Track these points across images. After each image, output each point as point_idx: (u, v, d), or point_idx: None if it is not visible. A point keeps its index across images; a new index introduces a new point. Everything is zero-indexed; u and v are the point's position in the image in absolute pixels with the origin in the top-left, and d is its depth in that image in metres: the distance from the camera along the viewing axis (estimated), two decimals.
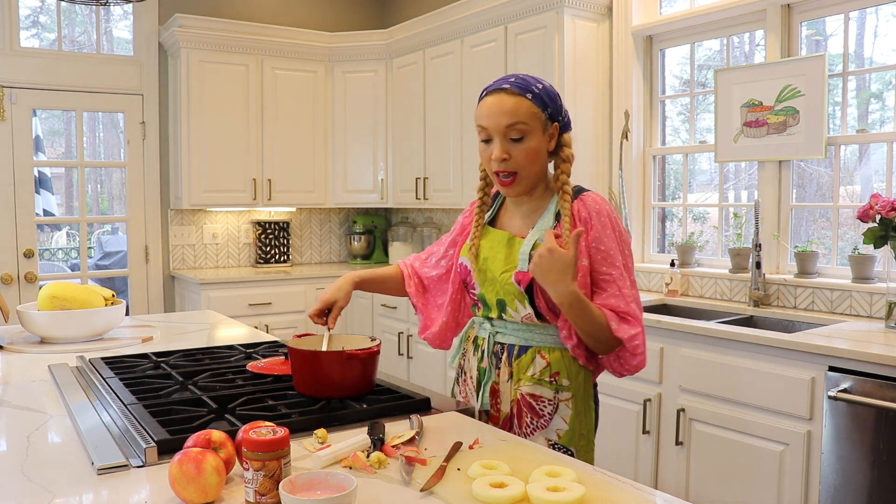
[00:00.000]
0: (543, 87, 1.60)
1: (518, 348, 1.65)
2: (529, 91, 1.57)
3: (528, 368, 1.63)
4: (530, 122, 1.57)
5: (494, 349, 1.69)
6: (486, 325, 1.72)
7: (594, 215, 1.58)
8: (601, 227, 1.57)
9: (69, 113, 5.15)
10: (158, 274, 4.98)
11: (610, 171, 3.89)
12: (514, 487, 1.12)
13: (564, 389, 1.62)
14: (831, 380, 2.36)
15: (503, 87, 1.59)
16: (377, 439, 1.34)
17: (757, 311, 3.14)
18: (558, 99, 1.63)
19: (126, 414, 1.47)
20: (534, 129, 1.58)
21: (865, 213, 2.66)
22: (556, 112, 1.61)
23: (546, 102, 1.59)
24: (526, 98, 1.57)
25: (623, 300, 1.55)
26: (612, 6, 3.84)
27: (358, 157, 5.19)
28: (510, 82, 1.60)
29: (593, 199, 1.60)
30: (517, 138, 1.57)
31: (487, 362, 1.68)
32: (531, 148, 1.58)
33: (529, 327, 1.64)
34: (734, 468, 2.64)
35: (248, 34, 4.81)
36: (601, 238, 1.57)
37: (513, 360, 1.65)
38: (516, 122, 1.56)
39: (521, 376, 1.64)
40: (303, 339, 1.74)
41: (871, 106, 3.20)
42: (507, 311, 1.66)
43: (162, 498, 1.14)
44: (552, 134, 1.62)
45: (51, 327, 2.30)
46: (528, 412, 1.62)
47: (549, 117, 1.60)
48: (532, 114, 1.57)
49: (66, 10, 4.96)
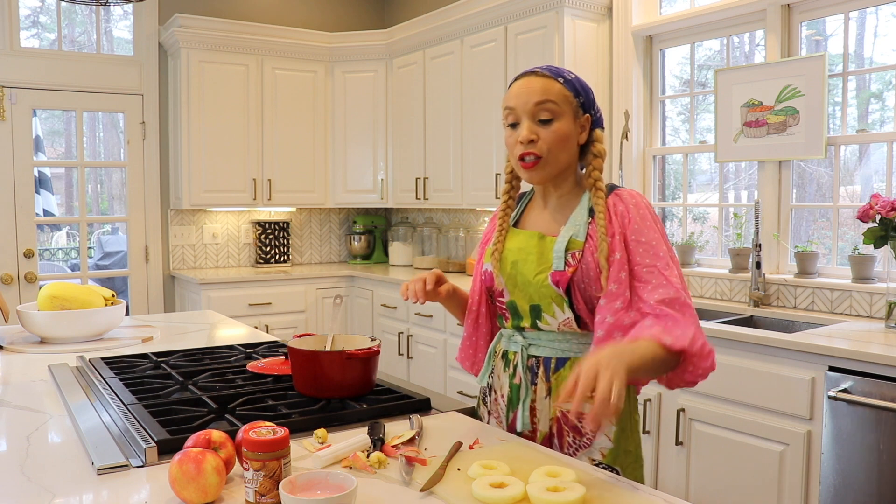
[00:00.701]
0: (576, 77, 1.54)
1: (555, 361, 1.51)
2: (561, 76, 1.51)
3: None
4: (561, 104, 1.49)
5: (529, 363, 1.54)
6: (516, 338, 1.57)
7: (632, 208, 1.48)
8: (640, 220, 1.48)
9: (69, 113, 5.15)
10: (158, 274, 4.98)
11: (610, 172, 3.88)
12: (514, 487, 1.12)
13: None
14: (831, 380, 2.36)
15: (534, 71, 1.52)
16: (377, 439, 1.34)
17: (757, 311, 3.14)
18: (591, 93, 1.55)
19: (126, 414, 1.47)
20: (564, 113, 1.49)
21: (865, 213, 2.65)
22: (588, 103, 1.53)
23: (578, 90, 1.52)
24: (557, 81, 1.50)
25: (672, 288, 1.43)
26: (612, 6, 3.84)
27: (358, 157, 5.19)
28: (542, 67, 1.53)
29: (629, 194, 1.52)
30: (546, 119, 1.48)
31: (522, 378, 1.54)
32: (560, 130, 1.49)
33: (566, 336, 1.51)
34: (734, 468, 2.64)
35: (248, 34, 4.81)
36: (641, 230, 1.47)
37: (550, 375, 1.51)
38: (546, 101, 1.48)
39: (561, 392, 1.50)
40: (303, 339, 1.74)
41: (871, 106, 3.20)
42: (542, 318, 1.52)
43: (162, 498, 1.14)
44: (584, 125, 1.53)
45: (51, 327, 2.30)
46: (570, 431, 1.49)
47: (581, 105, 1.51)
48: (564, 96, 1.49)
49: (66, 10, 4.96)
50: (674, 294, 1.42)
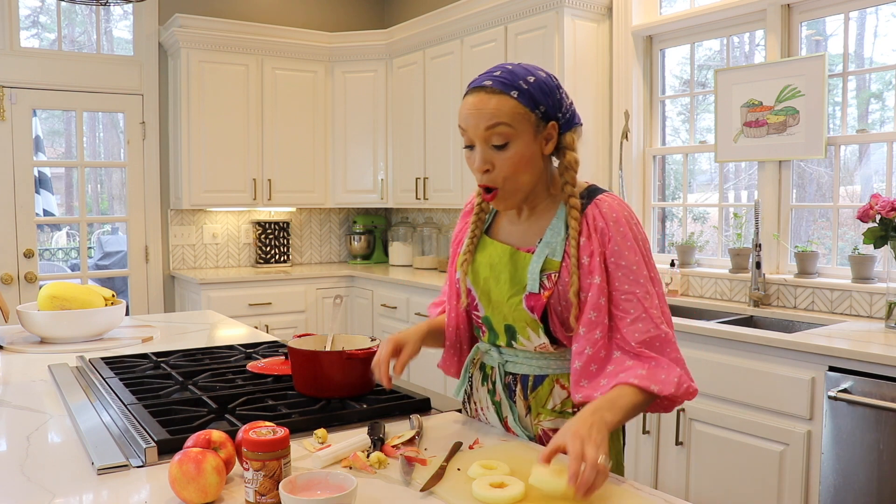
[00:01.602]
0: (536, 81, 1.36)
1: (533, 378, 1.45)
2: (515, 88, 1.34)
3: (546, 401, 1.44)
4: (515, 124, 1.33)
5: (506, 380, 1.48)
6: (492, 353, 1.51)
7: (611, 224, 1.36)
8: (621, 239, 1.35)
9: (69, 113, 5.15)
10: (158, 274, 4.98)
11: (610, 171, 3.89)
12: (514, 487, 1.12)
13: None
14: (831, 380, 2.36)
15: (484, 85, 1.36)
16: (377, 439, 1.34)
17: (757, 311, 3.14)
18: (557, 92, 1.38)
19: (126, 414, 1.48)
20: (520, 133, 1.34)
21: (865, 213, 2.65)
22: (552, 109, 1.36)
23: (537, 99, 1.34)
24: (510, 97, 1.33)
25: (651, 323, 1.33)
26: (612, 6, 3.84)
27: (358, 157, 5.19)
28: (494, 77, 1.36)
29: (609, 206, 1.38)
30: (500, 145, 1.34)
31: (501, 395, 1.49)
32: (517, 155, 1.35)
33: (543, 355, 1.44)
34: (734, 468, 2.64)
35: (248, 34, 4.81)
36: (621, 252, 1.35)
37: (528, 393, 1.45)
38: (497, 124, 1.33)
39: (539, 410, 1.44)
40: (303, 339, 1.74)
41: (871, 106, 3.20)
42: (517, 340, 1.44)
43: (162, 498, 1.14)
44: (549, 135, 1.38)
45: (51, 327, 2.30)
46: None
47: (541, 117, 1.35)
48: (517, 115, 1.33)
49: (66, 10, 4.96)
50: (654, 332, 1.33)
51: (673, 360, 1.34)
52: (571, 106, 1.42)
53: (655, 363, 1.32)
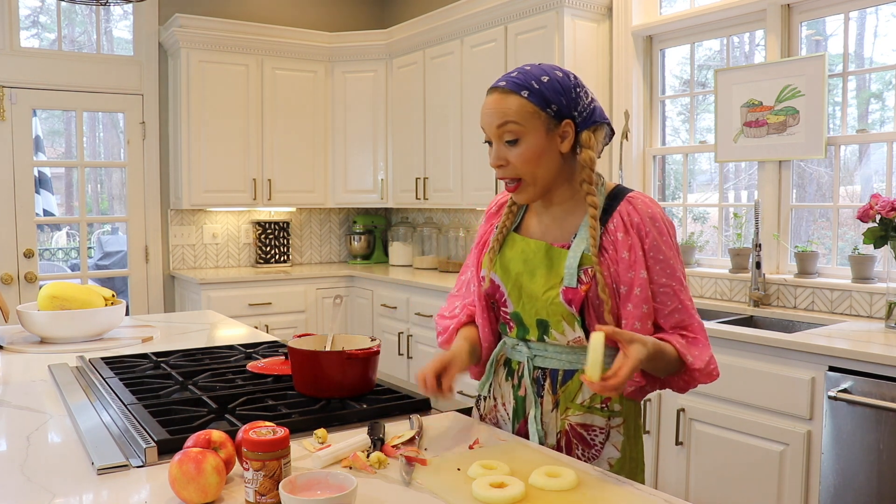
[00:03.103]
0: (551, 80, 1.40)
1: (563, 373, 1.47)
2: (526, 87, 1.39)
3: (576, 396, 1.45)
4: (524, 122, 1.39)
5: (535, 375, 1.49)
6: (521, 348, 1.51)
7: (648, 221, 1.41)
8: (658, 234, 1.41)
9: (69, 113, 5.15)
10: (158, 274, 4.98)
11: (610, 171, 3.88)
12: (514, 487, 1.12)
13: (616, 415, 1.46)
14: (831, 380, 2.36)
15: (499, 85, 1.43)
16: (377, 439, 1.34)
17: (757, 311, 3.14)
18: (573, 91, 1.41)
19: (126, 414, 1.47)
20: (530, 130, 1.40)
21: (865, 213, 2.65)
22: (565, 108, 1.40)
23: (548, 98, 1.39)
24: (520, 96, 1.39)
25: (687, 313, 1.43)
26: (612, 6, 3.84)
27: (358, 157, 5.19)
28: (509, 78, 1.43)
29: (643, 203, 1.43)
30: (511, 140, 1.41)
31: (528, 391, 1.49)
32: (527, 151, 1.40)
33: (573, 349, 1.46)
34: (734, 468, 2.64)
35: (248, 34, 4.81)
36: (659, 246, 1.40)
37: (558, 388, 1.47)
38: (506, 122, 1.40)
39: (568, 405, 1.46)
40: (303, 339, 1.74)
41: (871, 106, 3.20)
42: (549, 334, 1.47)
43: (162, 498, 1.14)
44: (564, 133, 1.42)
45: (51, 327, 2.30)
46: (578, 443, 1.45)
47: (553, 115, 1.40)
48: (526, 113, 1.39)
49: (66, 10, 4.95)
50: (688, 321, 1.44)
51: (706, 343, 1.45)
52: (591, 104, 1.45)
53: (692, 340, 1.43)
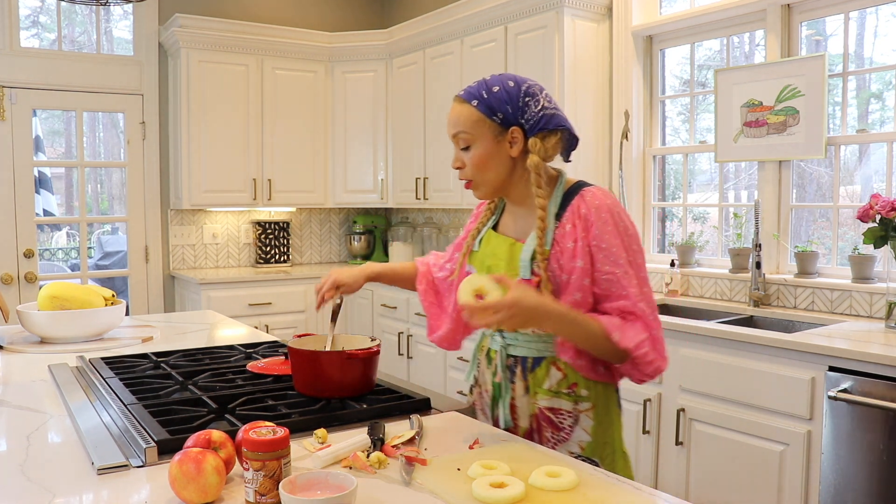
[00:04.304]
0: (499, 90, 1.53)
1: (532, 360, 1.57)
2: (476, 97, 1.54)
3: (543, 381, 1.56)
4: (473, 130, 1.55)
5: (507, 363, 1.61)
6: (496, 337, 1.64)
7: (593, 212, 1.50)
8: (601, 224, 1.49)
9: (69, 113, 5.15)
10: (158, 274, 4.98)
11: (610, 171, 3.88)
12: (514, 487, 1.12)
13: (584, 400, 1.55)
14: (831, 380, 2.36)
15: (458, 95, 1.60)
16: (377, 439, 1.34)
17: (757, 311, 3.14)
18: (521, 100, 1.53)
19: (126, 414, 1.47)
20: (479, 137, 1.55)
21: (865, 213, 2.65)
22: (511, 116, 1.53)
23: (494, 107, 1.52)
24: (471, 105, 1.55)
25: (629, 300, 1.47)
26: (612, 6, 3.84)
27: (358, 157, 5.19)
28: (467, 88, 1.59)
29: (593, 195, 1.52)
30: (464, 147, 1.58)
31: (501, 377, 1.61)
32: (476, 156, 1.56)
33: (542, 337, 1.56)
34: (734, 468, 2.64)
35: (248, 34, 4.81)
36: (601, 235, 1.48)
37: (527, 374, 1.57)
38: (459, 132, 1.57)
39: (537, 390, 1.56)
40: (303, 339, 1.74)
41: (871, 106, 3.20)
42: None
43: (162, 498, 1.14)
44: (513, 139, 1.54)
45: (51, 327, 2.30)
46: (548, 426, 1.56)
47: (500, 122, 1.53)
48: (475, 121, 1.54)
49: (66, 10, 4.95)
50: (630, 307, 1.47)
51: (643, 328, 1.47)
52: (541, 112, 1.55)
53: (628, 323, 1.47)
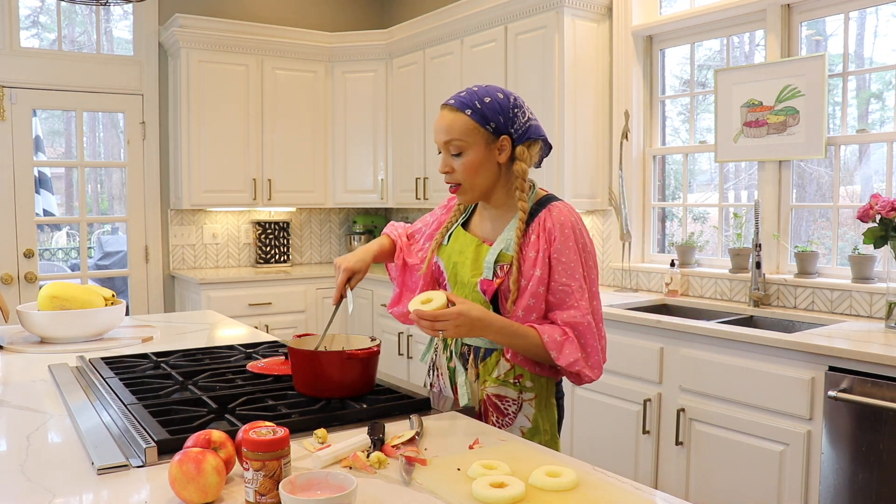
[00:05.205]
0: (492, 101, 1.62)
1: (484, 351, 1.70)
2: (470, 107, 1.61)
3: (493, 370, 1.69)
4: (467, 137, 1.61)
5: (462, 350, 1.74)
6: None
7: (557, 227, 1.61)
8: (563, 239, 1.60)
9: (69, 113, 5.15)
10: (158, 274, 4.98)
11: (610, 171, 3.88)
12: (514, 487, 1.12)
13: (528, 390, 1.68)
14: (831, 380, 2.36)
15: (448, 103, 1.65)
16: (377, 439, 1.34)
17: (757, 311, 3.14)
18: (511, 111, 1.63)
19: (126, 414, 1.47)
20: (472, 145, 1.61)
21: (865, 213, 2.65)
22: (502, 126, 1.62)
23: (488, 117, 1.60)
24: (464, 114, 1.61)
25: (579, 311, 1.59)
26: (612, 6, 3.84)
27: (358, 157, 5.19)
28: (458, 97, 1.65)
29: (559, 211, 1.63)
30: (456, 153, 1.63)
31: (456, 363, 1.74)
32: (469, 162, 1.62)
33: None
34: (734, 468, 2.64)
35: (248, 34, 4.81)
36: (562, 249, 1.60)
37: (479, 362, 1.71)
38: (452, 139, 1.62)
39: (486, 378, 1.69)
40: (303, 339, 1.74)
41: (871, 106, 3.20)
42: None
43: (162, 498, 1.14)
44: (502, 147, 1.63)
45: (51, 327, 2.30)
46: (493, 411, 1.68)
47: (493, 131, 1.61)
48: (469, 129, 1.61)
49: (66, 10, 4.95)
50: (579, 319, 1.60)
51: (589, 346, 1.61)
52: (527, 122, 1.66)
53: (569, 339, 1.59)
